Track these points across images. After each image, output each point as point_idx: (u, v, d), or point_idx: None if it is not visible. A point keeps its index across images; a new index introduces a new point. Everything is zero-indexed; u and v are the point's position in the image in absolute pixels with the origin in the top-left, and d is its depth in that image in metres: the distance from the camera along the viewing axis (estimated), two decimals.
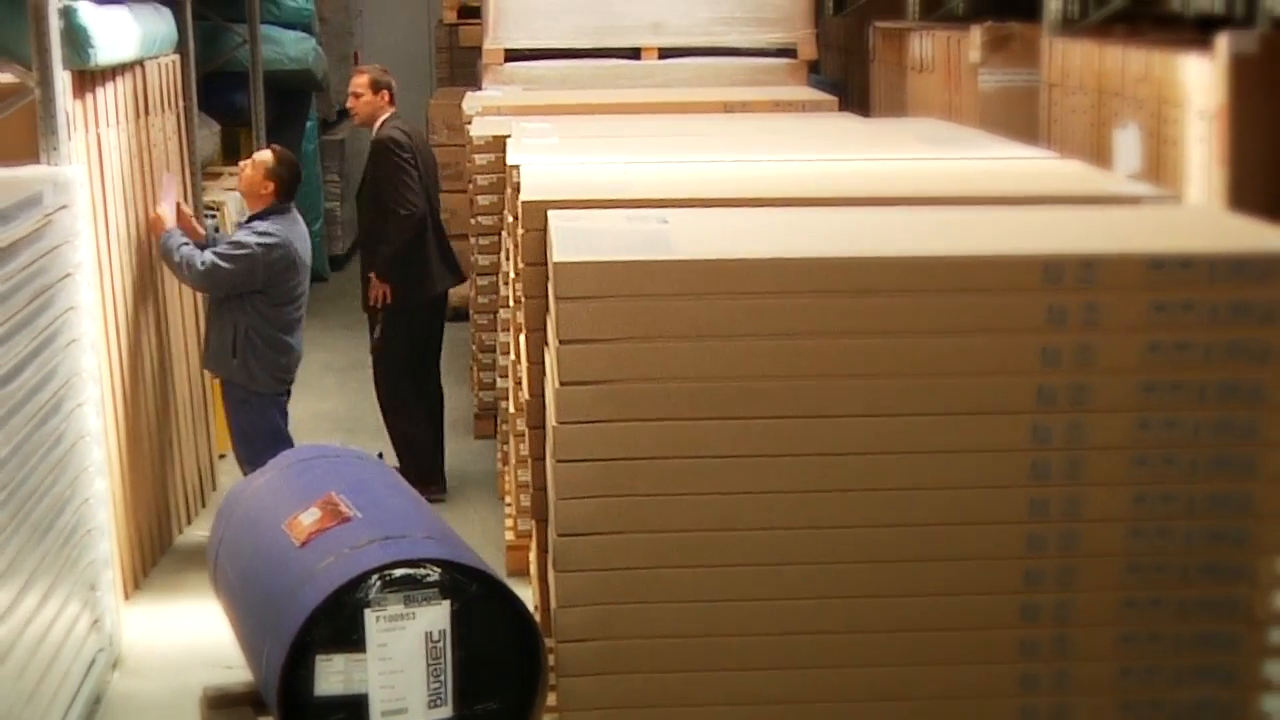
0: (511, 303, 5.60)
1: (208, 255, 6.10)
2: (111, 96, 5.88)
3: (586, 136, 5.92)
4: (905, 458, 3.42)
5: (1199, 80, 5.27)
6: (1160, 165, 5.65)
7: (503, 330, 6.76)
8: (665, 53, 8.82)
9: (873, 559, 3.46)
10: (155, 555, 6.35)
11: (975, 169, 4.85)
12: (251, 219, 6.46)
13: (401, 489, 4.15)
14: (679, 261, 3.38)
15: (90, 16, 5.46)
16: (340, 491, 3.77)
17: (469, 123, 7.70)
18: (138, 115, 6.23)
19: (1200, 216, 4.11)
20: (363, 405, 8.43)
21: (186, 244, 6.11)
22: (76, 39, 5.20)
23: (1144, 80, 5.76)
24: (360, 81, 7.42)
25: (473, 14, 11.12)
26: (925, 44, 8.01)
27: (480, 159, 7.06)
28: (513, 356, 5.42)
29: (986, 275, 3.40)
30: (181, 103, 6.87)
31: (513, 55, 8.82)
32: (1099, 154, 6.22)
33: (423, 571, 3.46)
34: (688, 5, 8.78)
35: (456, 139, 9.59)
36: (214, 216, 7.46)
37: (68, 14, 5.19)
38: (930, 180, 4.59)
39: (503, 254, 6.78)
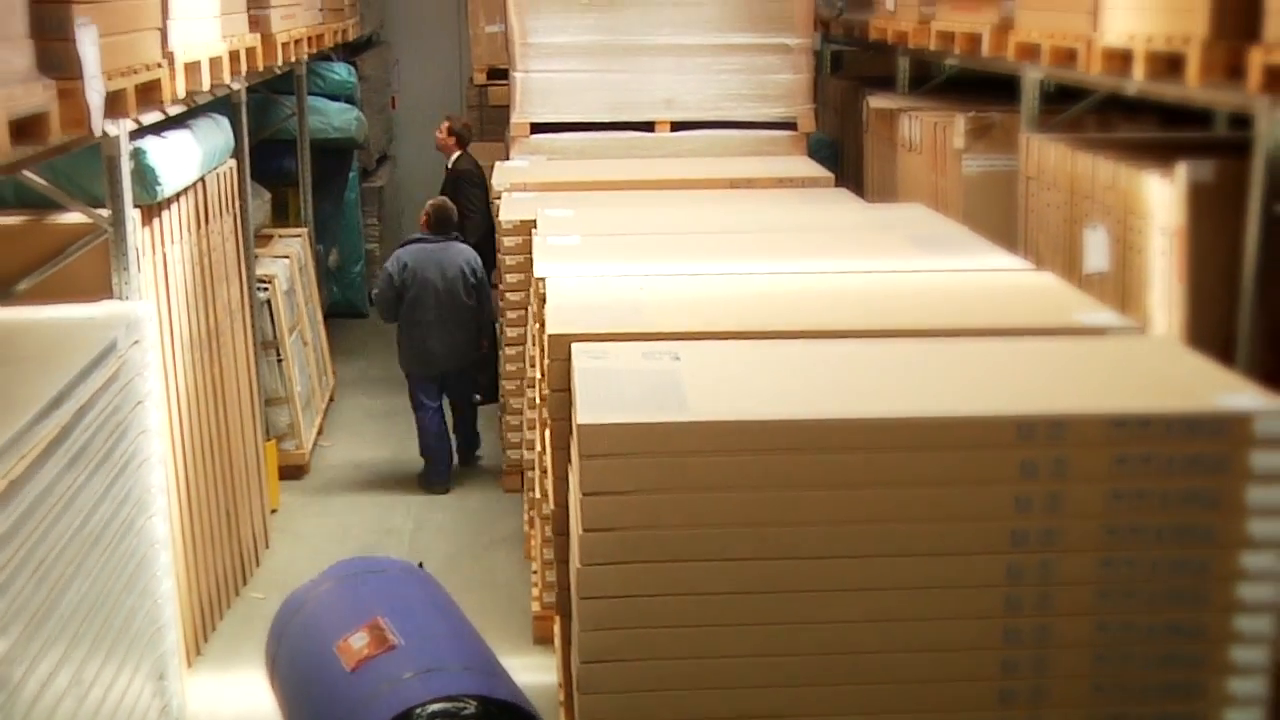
0: (536, 386, 5.71)
1: None
2: (175, 216, 5.97)
3: (607, 234, 6.02)
4: (895, 593, 3.55)
5: (1160, 199, 5.35)
6: (1126, 269, 5.74)
7: (529, 407, 6.86)
8: (677, 125, 8.93)
9: (864, 681, 3.60)
10: (215, 620, 6.42)
11: (959, 288, 4.93)
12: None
13: (441, 605, 4.27)
14: (694, 424, 3.50)
15: (158, 155, 5.53)
16: (386, 615, 3.90)
17: (498, 199, 7.82)
18: (198, 225, 6.32)
19: (1160, 355, 4.20)
20: (402, 457, 8.51)
21: None
22: (145, 178, 5.30)
23: (1111, 189, 5.84)
24: (443, 126, 10.22)
25: (500, 75, 11.20)
26: (913, 126, 8.09)
27: (509, 241, 7.15)
28: (539, 447, 5.53)
29: (968, 434, 3.52)
30: (238, 204, 6.96)
31: (538, 128, 8.93)
32: (1071, 248, 6.30)
33: (460, 705, 3.59)
34: (697, 83, 8.88)
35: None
36: (265, 290, 7.57)
37: (137, 155, 5.29)
38: (917, 305, 4.68)
39: (529, 330, 6.91)
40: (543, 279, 5.10)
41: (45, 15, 4.02)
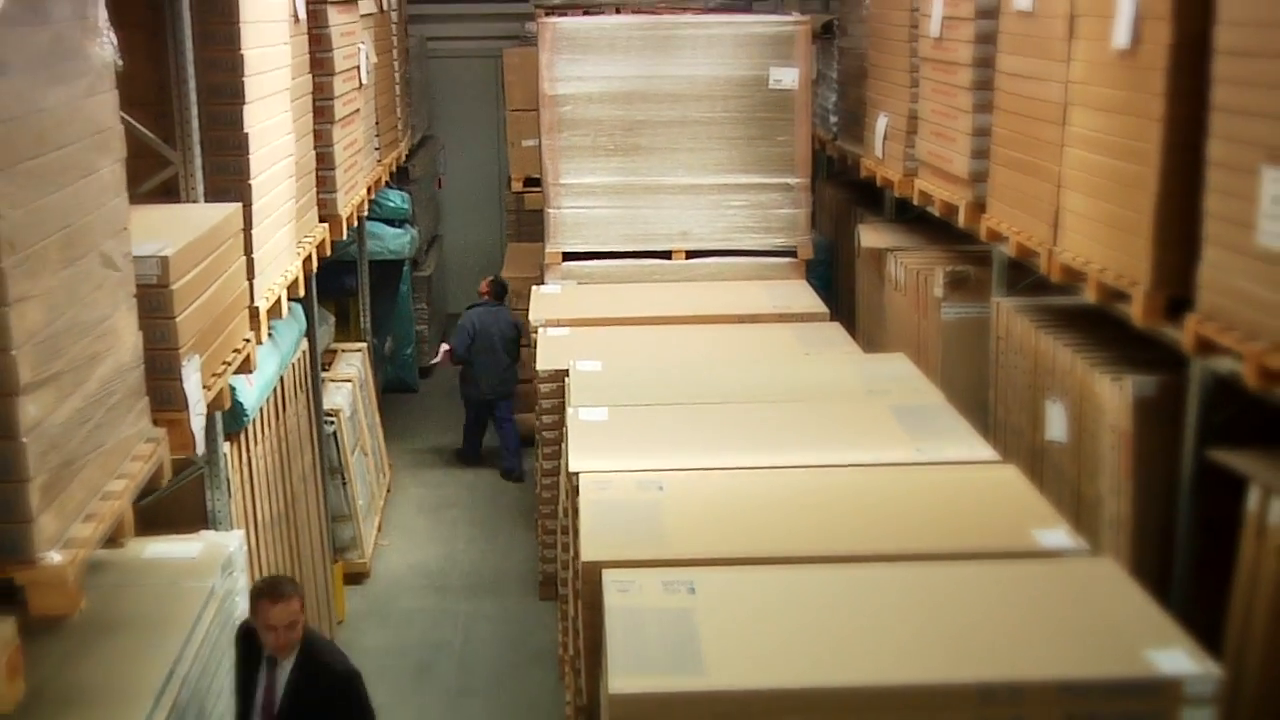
0: (570, 516, 5.89)
1: None
2: (257, 424, 6.06)
3: (632, 404, 6.20)
4: None
5: (1110, 402, 5.53)
6: (1082, 443, 5.88)
7: (561, 531, 7.06)
8: (691, 253, 9.12)
9: None
10: None
11: (932, 495, 5.06)
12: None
13: None
14: (709, 693, 3.72)
15: (246, 392, 5.62)
16: None
17: (534, 333, 8.02)
18: (277, 417, 6.44)
19: (1106, 591, 4.35)
20: (455, 555, 8.69)
21: None
22: (235, 412, 5.48)
23: (1070, 374, 6.00)
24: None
25: (535, 183, 11.39)
26: (899, 269, 8.25)
27: (545, 388, 7.35)
28: (571, 612, 5.75)
29: (937, 699, 3.73)
30: (310, 382, 7.11)
31: (569, 255, 9.14)
32: (1035, 409, 6.43)
33: None
34: (708, 216, 9.07)
35: (523, 304, 9.88)
36: (332, 423, 7.78)
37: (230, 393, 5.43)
38: (898, 522, 4.84)
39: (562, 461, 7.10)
40: (576, 473, 5.31)
41: (156, 359, 4.21)
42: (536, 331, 8.01)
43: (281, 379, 6.59)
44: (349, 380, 8.54)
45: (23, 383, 3.20)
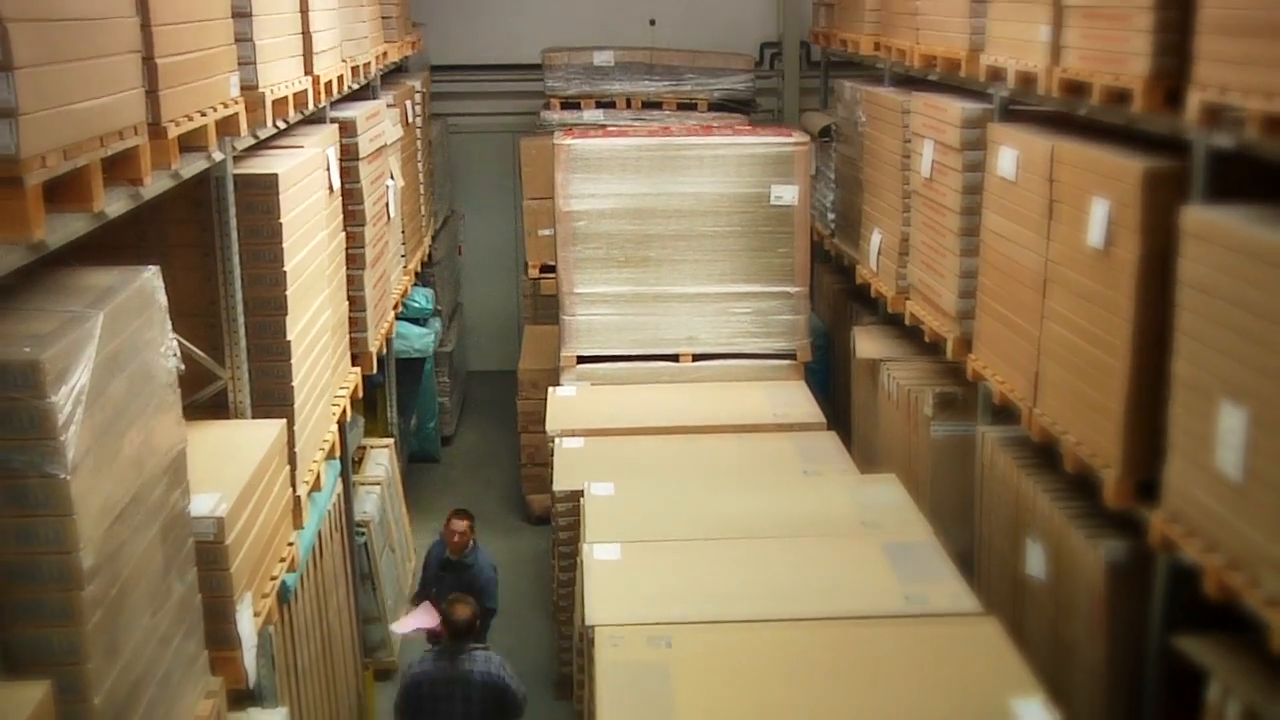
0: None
1: None
2: (298, 583, 6.13)
3: (642, 540, 6.40)
4: None
5: (1085, 558, 5.68)
6: (1060, 586, 6.03)
7: (578, 636, 7.20)
8: (698, 356, 9.32)
9: None
10: None
11: (916, 658, 5.23)
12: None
13: None
14: None
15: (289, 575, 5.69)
16: None
17: (552, 444, 8.20)
18: (315, 565, 6.47)
19: None
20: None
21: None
22: (280, 593, 5.62)
23: (1049, 519, 6.15)
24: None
25: (550, 269, 11.56)
26: (891, 383, 8.41)
27: (561, 507, 7.53)
28: None
29: None
30: (345, 523, 7.23)
31: (584, 358, 9.33)
32: (1016, 542, 6.57)
33: None
34: (714, 322, 9.27)
35: (539, 394, 10.05)
36: (363, 535, 7.97)
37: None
38: (886, 688, 5.04)
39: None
40: (592, 627, 5.51)
41: (212, 605, 4.33)
42: (554, 442, 8.21)
43: (320, 543, 6.66)
44: (378, 483, 8.73)
45: None
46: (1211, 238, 4.41)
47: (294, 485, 5.49)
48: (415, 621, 7.07)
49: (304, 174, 5.92)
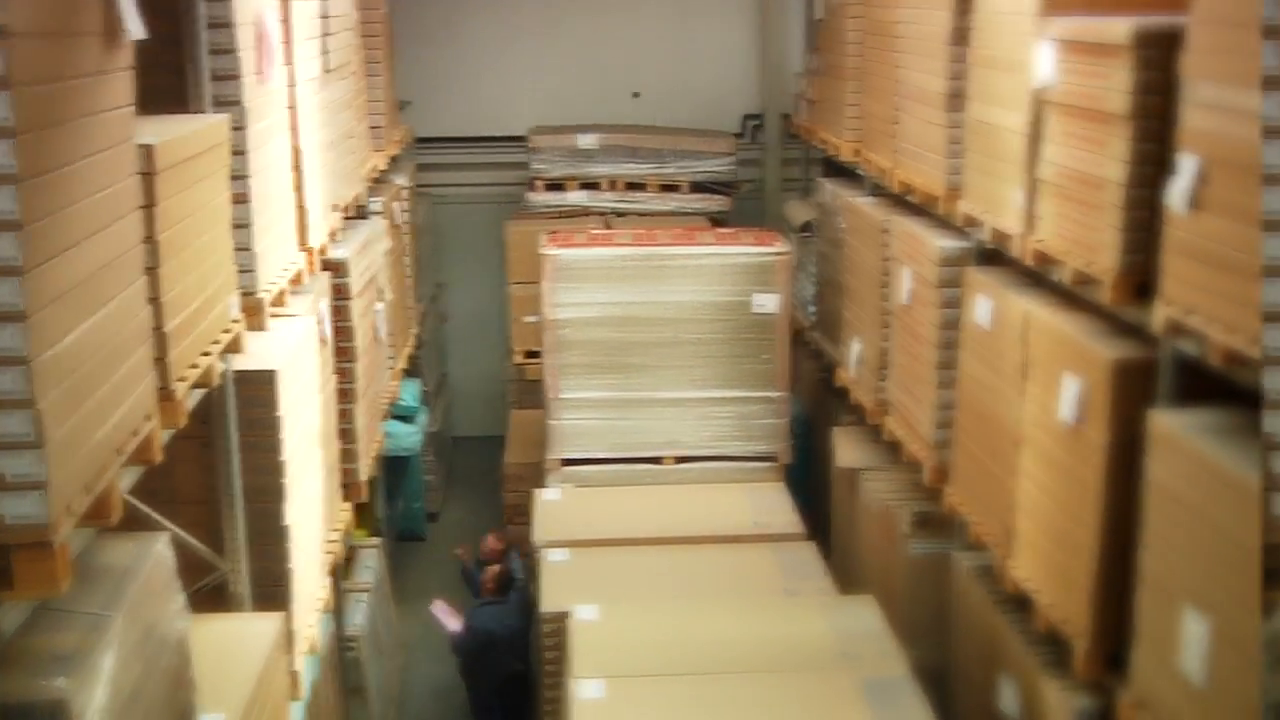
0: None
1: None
2: None
3: (632, 676, 6.51)
4: None
5: (1056, 708, 5.78)
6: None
7: None
8: (680, 459, 9.46)
9: None
10: None
11: None
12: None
13: None
14: None
15: None
16: None
17: (538, 556, 8.32)
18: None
19: None
20: None
21: None
22: None
23: (1021, 660, 6.24)
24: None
25: (535, 354, 11.68)
26: (869, 495, 8.54)
27: (548, 628, 7.63)
28: None
29: None
30: (340, 657, 7.31)
31: (568, 461, 9.46)
32: (992, 674, 6.71)
33: None
34: (696, 426, 9.41)
35: (524, 488, 10.17)
36: (353, 649, 8.06)
37: None
38: None
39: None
40: None
41: None
42: (540, 553, 8.33)
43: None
44: (367, 589, 8.79)
45: None
46: (1177, 447, 4.53)
47: (292, 659, 5.59)
48: (448, 618, 8.79)
49: (301, 353, 5.91)
